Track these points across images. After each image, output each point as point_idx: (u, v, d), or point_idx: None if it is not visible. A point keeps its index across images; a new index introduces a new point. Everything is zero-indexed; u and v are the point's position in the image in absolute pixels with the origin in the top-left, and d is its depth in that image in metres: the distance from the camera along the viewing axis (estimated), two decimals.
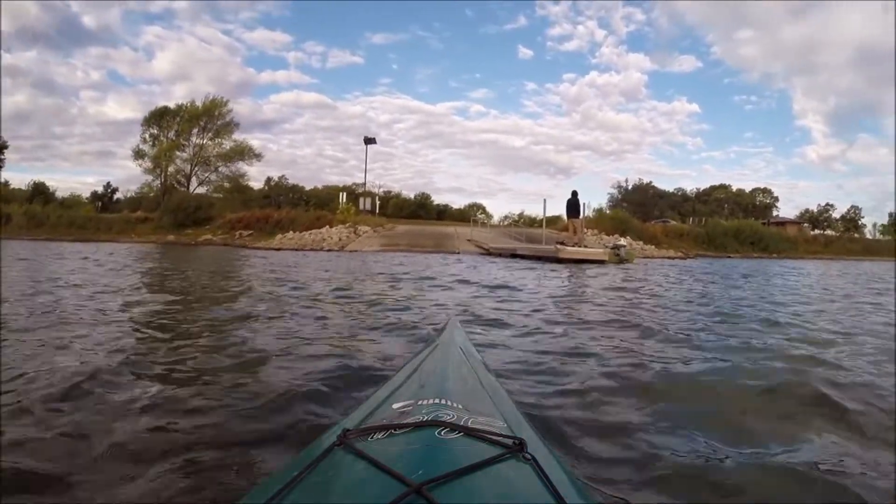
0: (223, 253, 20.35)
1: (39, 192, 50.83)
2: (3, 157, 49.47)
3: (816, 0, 70.97)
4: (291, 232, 29.56)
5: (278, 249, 23.72)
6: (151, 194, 45.29)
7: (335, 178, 69.41)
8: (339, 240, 26.23)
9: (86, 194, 55.93)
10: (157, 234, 35.24)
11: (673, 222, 45.27)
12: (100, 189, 56.84)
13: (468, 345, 1.71)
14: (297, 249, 23.76)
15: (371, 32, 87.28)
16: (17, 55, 64.98)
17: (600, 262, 15.58)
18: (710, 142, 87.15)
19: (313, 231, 28.83)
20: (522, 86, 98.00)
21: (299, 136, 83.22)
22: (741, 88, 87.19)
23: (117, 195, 54.92)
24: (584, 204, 18.61)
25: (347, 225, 29.14)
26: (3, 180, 49.34)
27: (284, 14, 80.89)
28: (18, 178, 56.20)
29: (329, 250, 23.30)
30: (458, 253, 21.54)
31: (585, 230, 19.83)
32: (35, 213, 38.54)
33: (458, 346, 1.55)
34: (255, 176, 53.89)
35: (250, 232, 32.81)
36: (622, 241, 19.04)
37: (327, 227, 29.51)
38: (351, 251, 22.55)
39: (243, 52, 77.03)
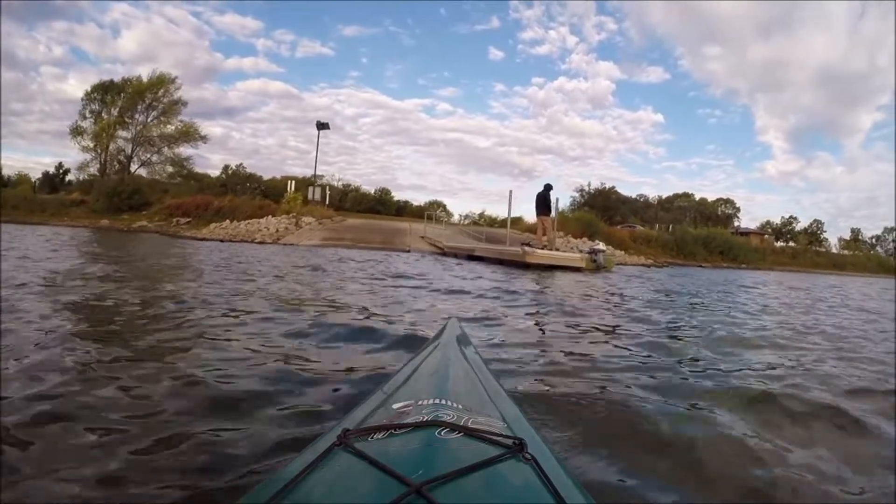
0: (139, 240, 17.37)
1: None
2: None
3: (785, 10, 72.14)
4: (228, 221, 26.51)
5: (202, 239, 20.52)
6: (88, 176, 41.87)
7: (298, 170, 68.78)
8: (277, 231, 23.13)
9: (38, 175, 53.36)
10: (90, 219, 32.74)
11: (640, 227, 44.24)
12: (51, 170, 53.48)
13: (468, 345, 1.68)
14: (222, 240, 20.55)
15: (343, 24, 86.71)
16: None
17: (576, 269, 12.87)
18: (672, 152, 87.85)
19: (252, 221, 25.76)
20: (491, 87, 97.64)
21: (263, 125, 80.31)
22: (706, 102, 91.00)
23: (69, 177, 51.45)
24: (556, 200, 15.59)
25: (290, 215, 25.88)
26: None
27: (257, 1, 78.23)
28: None
29: (261, 242, 20.13)
30: (409, 251, 18.67)
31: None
32: None
33: (458, 346, 1.53)
34: (216, 164, 53.03)
35: (188, 219, 30.20)
36: (600, 245, 15.88)
37: (269, 217, 26.44)
38: (286, 244, 19.44)
39: (212, 35, 73.46)
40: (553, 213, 15.51)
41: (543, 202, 14.93)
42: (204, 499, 1.33)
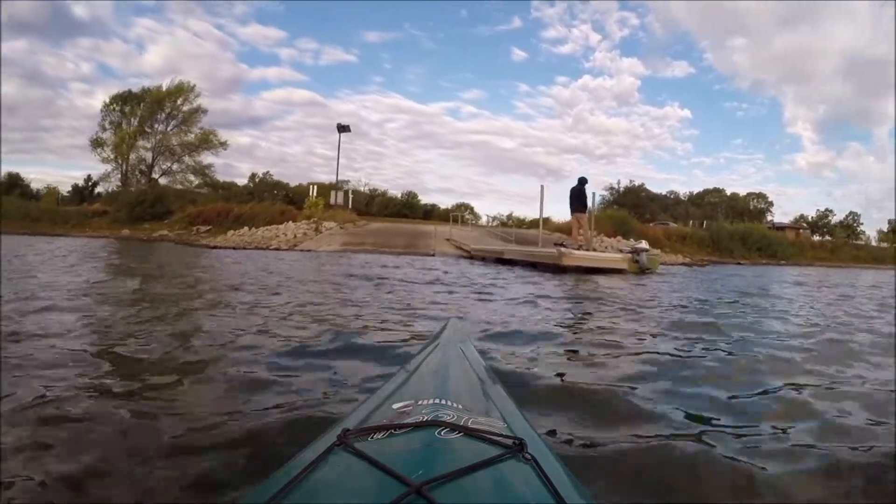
0: (152, 249, 16.73)
1: (14, 183, 48.00)
2: None
3: (808, 2, 70.66)
4: (246, 228, 25.65)
5: (214, 248, 19.53)
6: (116, 188, 41.68)
7: (325, 177, 68.54)
8: (294, 237, 22.06)
9: (68, 188, 53.43)
10: (112, 229, 32.74)
11: (673, 224, 42.47)
12: (81, 182, 53.79)
13: (469, 344, 1.63)
14: (235, 248, 19.52)
15: (365, 30, 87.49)
16: (6, 45, 62.95)
17: (617, 272, 11.43)
18: (700, 147, 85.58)
19: (270, 227, 24.80)
20: (515, 87, 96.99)
21: (289, 133, 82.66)
22: (732, 95, 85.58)
23: (97, 189, 51.74)
24: (592, 195, 14.17)
25: (311, 221, 24.82)
26: None
27: (279, 10, 78.85)
28: (7, 171, 52.47)
29: (276, 249, 19.07)
30: (434, 255, 17.39)
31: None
32: None
33: (459, 345, 1.51)
34: (244, 173, 54.69)
35: (208, 227, 29.65)
36: (643, 244, 14.27)
37: (289, 222, 25.47)
38: (303, 250, 18.36)
39: (236, 47, 75.76)
40: (590, 209, 14.07)
41: (578, 197, 13.52)
42: (204, 498, 1.32)
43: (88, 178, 51.17)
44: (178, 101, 41.22)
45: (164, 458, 1.52)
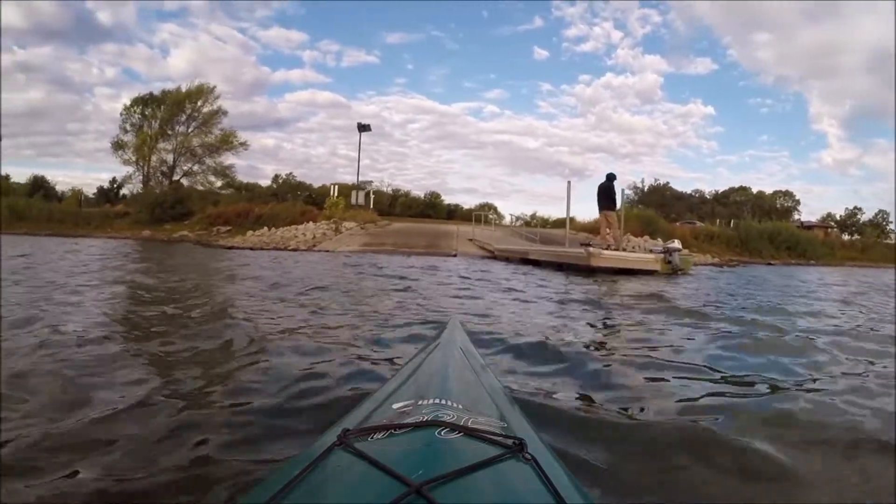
0: (166, 250, 16.42)
1: (39, 186, 48.50)
2: None
3: (830, 1, 69.26)
4: (265, 228, 25.31)
5: (230, 248, 19.21)
6: (143, 189, 41.75)
7: (349, 178, 68.04)
8: (314, 237, 21.65)
9: (94, 190, 54.19)
10: (133, 230, 32.63)
11: (700, 223, 41.30)
12: (106, 185, 54.30)
13: (468, 345, 1.65)
14: (252, 248, 19.20)
15: (387, 32, 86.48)
16: (32, 51, 65.26)
17: (648, 273, 10.80)
18: (724, 145, 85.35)
19: (290, 227, 24.41)
20: (537, 87, 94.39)
21: (313, 135, 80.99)
22: (757, 91, 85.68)
23: (123, 191, 52.11)
24: (622, 191, 13.48)
25: (331, 221, 24.42)
26: (1, 173, 48.01)
27: (300, 12, 78.33)
28: (32, 173, 54.13)
29: (294, 249, 18.66)
30: (455, 255, 16.85)
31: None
32: (17, 207, 36.19)
33: (459, 345, 1.51)
34: (269, 174, 56.14)
35: (228, 228, 29.26)
36: (675, 244, 13.49)
37: (309, 223, 25.11)
38: (321, 251, 17.92)
39: (258, 50, 74.96)
40: (619, 207, 13.38)
41: (607, 194, 12.87)
42: (204, 498, 1.31)
43: (114, 180, 51.91)
44: (199, 103, 41.17)
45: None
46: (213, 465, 1.45)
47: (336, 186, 31.13)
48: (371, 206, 30.58)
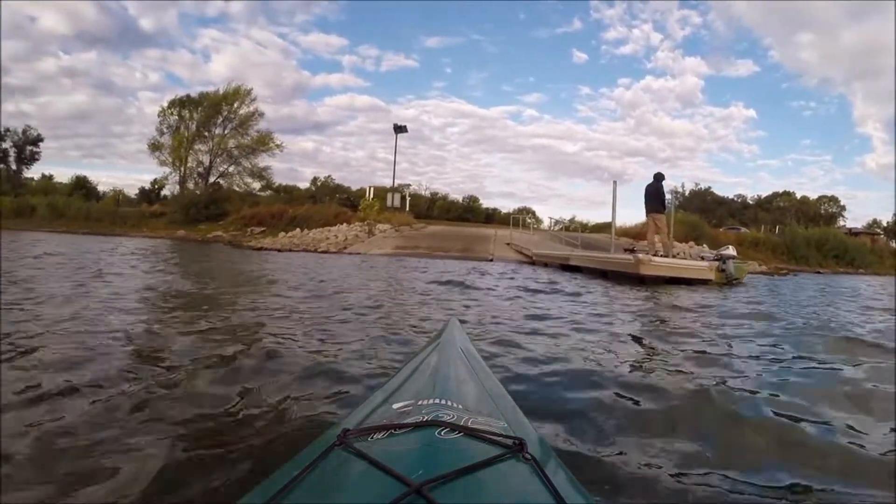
0: (196, 251, 16.26)
1: (81, 186, 49.45)
2: (38, 149, 50.19)
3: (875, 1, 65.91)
4: (298, 230, 25.05)
5: (260, 249, 18.86)
6: (185, 191, 42.39)
7: (387, 181, 68.26)
8: (345, 239, 21.19)
9: (136, 191, 55.39)
10: (168, 230, 33.32)
11: (744, 230, 40.10)
12: (147, 186, 55.31)
13: (468, 345, 1.62)
14: (280, 250, 18.83)
15: (425, 36, 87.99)
16: (76, 57, 66.80)
17: (702, 282, 9.89)
18: (766, 149, 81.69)
19: (323, 229, 24.08)
20: (576, 90, 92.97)
21: (352, 138, 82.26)
22: (799, 93, 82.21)
23: (164, 192, 53.12)
24: (671, 193, 12.47)
25: (364, 223, 23.95)
26: (46, 173, 50.49)
27: (340, 17, 79.39)
28: (76, 173, 55.27)
29: (324, 252, 18.15)
30: (492, 260, 16.12)
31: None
32: (57, 206, 37.52)
33: (459, 345, 1.47)
34: (308, 177, 57.91)
35: (262, 229, 29.31)
36: (730, 250, 12.43)
37: (342, 224, 24.70)
38: (352, 253, 17.36)
39: (298, 55, 76.69)
40: (669, 209, 12.40)
41: (656, 195, 11.84)
42: (204, 497, 1.31)
43: (154, 181, 52.85)
44: (235, 105, 41.32)
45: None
46: (212, 465, 1.44)
47: (372, 188, 30.81)
48: (407, 209, 30.28)
